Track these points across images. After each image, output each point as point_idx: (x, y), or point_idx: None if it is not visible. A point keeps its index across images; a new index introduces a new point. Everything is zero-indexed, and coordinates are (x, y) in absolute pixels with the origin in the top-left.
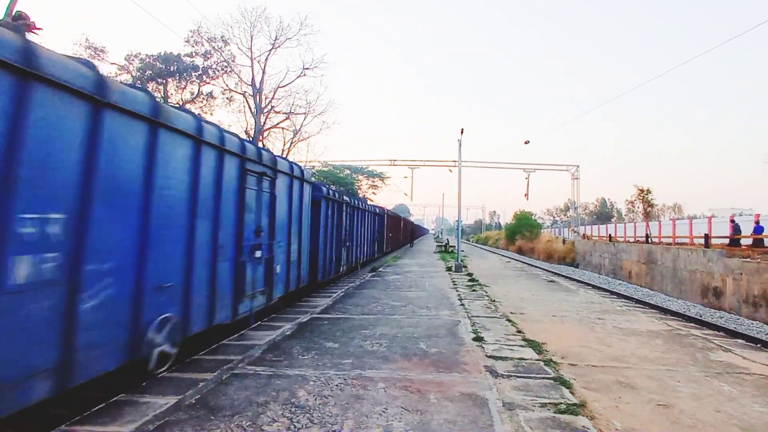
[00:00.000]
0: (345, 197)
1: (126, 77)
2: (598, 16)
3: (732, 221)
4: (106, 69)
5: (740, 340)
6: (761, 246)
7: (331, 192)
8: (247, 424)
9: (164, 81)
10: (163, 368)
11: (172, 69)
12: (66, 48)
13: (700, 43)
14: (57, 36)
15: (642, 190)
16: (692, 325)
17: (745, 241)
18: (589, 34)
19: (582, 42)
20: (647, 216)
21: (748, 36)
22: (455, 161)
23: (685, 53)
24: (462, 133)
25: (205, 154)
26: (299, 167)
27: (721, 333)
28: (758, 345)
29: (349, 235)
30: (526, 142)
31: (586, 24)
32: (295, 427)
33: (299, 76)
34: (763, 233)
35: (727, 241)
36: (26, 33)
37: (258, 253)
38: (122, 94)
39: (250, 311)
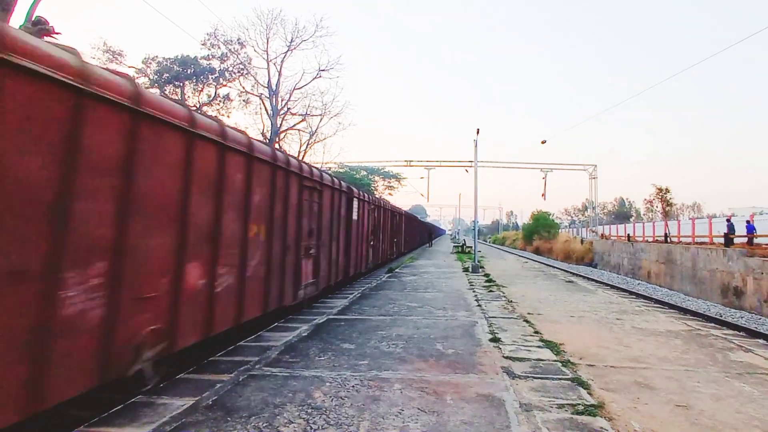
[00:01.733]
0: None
1: (143, 80)
2: (615, 14)
3: (728, 221)
4: (123, 72)
5: (761, 341)
6: (752, 244)
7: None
8: (264, 425)
9: (181, 84)
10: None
11: (189, 72)
12: (84, 52)
13: (718, 41)
14: (75, 39)
15: (661, 189)
16: (712, 325)
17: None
18: (606, 33)
19: (599, 41)
20: (666, 215)
21: (765, 34)
22: (471, 161)
23: (703, 51)
24: (478, 133)
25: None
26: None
27: (741, 333)
28: None
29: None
30: (542, 142)
31: (603, 22)
32: (311, 428)
33: (315, 77)
34: (755, 232)
35: (745, 239)
36: (45, 37)
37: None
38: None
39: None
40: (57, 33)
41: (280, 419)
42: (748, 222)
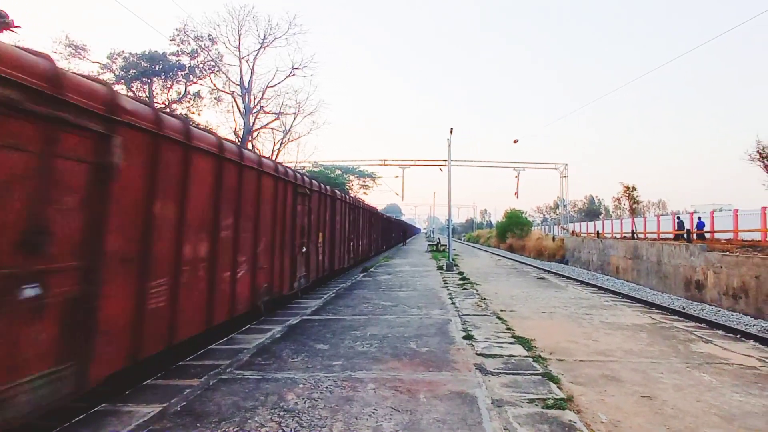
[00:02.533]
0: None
1: (109, 76)
2: (585, 17)
3: (678, 218)
4: (87, 68)
5: (720, 331)
6: (704, 239)
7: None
8: (235, 429)
9: (149, 80)
10: None
11: (157, 68)
12: (45, 46)
13: (680, 45)
14: (36, 34)
15: (628, 188)
16: (675, 317)
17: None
18: (576, 36)
19: (569, 43)
20: (633, 212)
21: (726, 38)
22: (446, 160)
23: (666, 54)
24: (452, 132)
25: None
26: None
27: (702, 325)
28: (738, 336)
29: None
30: (515, 141)
31: (573, 26)
32: (283, 431)
33: (288, 75)
34: (704, 228)
35: (709, 235)
36: (4, 31)
37: None
38: None
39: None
40: (17, 27)
41: (251, 423)
42: (699, 219)
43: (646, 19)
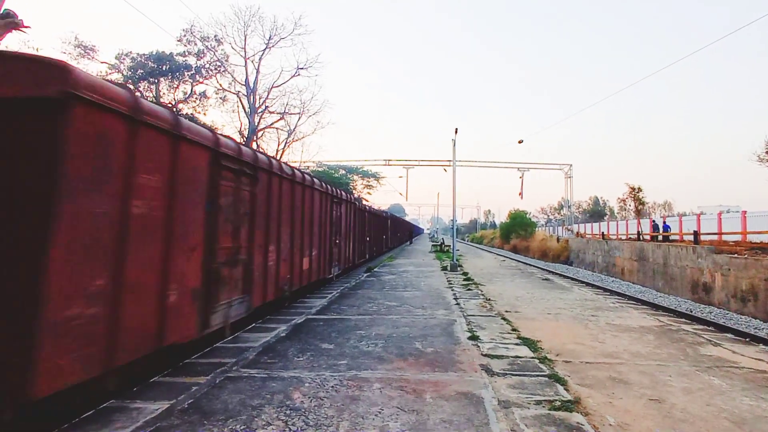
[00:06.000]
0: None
1: (116, 76)
2: (591, 17)
3: (652, 221)
4: (95, 68)
5: (729, 335)
6: (668, 240)
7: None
8: (242, 428)
9: (156, 80)
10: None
11: (164, 68)
12: (55, 46)
13: (687, 44)
14: (45, 34)
15: (633, 188)
16: (682, 320)
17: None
18: (581, 36)
19: (574, 43)
20: (638, 214)
21: (736, 36)
22: (450, 161)
23: (673, 54)
24: (456, 132)
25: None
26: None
27: (710, 328)
28: (747, 339)
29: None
30: (519, 142)
31: (578, 25)
32: (290, 429)
33: (293, 75)
34: (670, 231)
35: (716, 237)
36: (14, 30)
37: None
38: None
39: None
40: (26, 27)
41: (258, 421)
42: (664, 222)
43: (653, 18)
